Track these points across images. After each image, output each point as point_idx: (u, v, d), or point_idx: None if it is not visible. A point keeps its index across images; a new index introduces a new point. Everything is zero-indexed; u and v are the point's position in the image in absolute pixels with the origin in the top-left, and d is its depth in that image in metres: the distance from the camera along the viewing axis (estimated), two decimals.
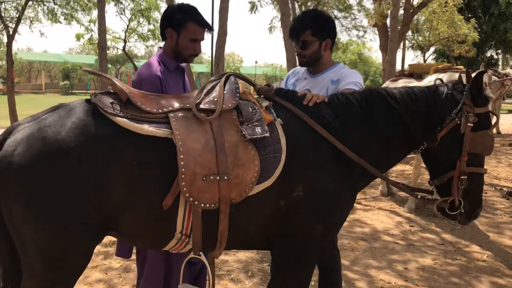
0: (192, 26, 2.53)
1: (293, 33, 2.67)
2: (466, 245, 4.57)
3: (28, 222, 1.76)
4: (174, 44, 2.57)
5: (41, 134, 1.76)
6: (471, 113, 2.11)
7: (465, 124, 2.10)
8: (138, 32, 19.22)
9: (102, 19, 8.22)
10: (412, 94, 2.17)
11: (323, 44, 2.63)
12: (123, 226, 1.89)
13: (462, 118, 2.10)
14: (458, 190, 2.15)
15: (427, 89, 2.21)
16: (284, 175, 1.94)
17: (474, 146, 2.13)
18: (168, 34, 2.57)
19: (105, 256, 4.12)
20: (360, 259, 4.17)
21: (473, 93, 2.16)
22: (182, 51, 2.58)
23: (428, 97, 2.16)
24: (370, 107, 2.14)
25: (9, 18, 12.91)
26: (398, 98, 2.14)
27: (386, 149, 2.17)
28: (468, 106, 2.12)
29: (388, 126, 2.13)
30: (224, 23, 8.26)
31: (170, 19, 2.56)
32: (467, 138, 2.11)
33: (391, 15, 8.70)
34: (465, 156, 2.13)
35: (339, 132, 2.06)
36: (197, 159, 1.83)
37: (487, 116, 2.19)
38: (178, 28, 2.53)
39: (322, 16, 2.69)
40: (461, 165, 2.13)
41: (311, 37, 2.59)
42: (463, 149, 2.12)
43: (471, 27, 18.13)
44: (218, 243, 1.96)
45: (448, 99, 2.15)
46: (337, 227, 2.25)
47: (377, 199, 6.38)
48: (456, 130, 2.12)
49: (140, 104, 1.89)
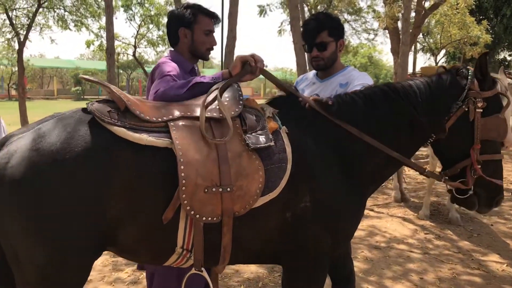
0: (203, 18, 2.49)
1: (308, 35, 2.57)
2: (484, 254, 4.40)
3: (23, 237, 1.67)
4: (190, 42, 2.50)
5: (35, 145, 1.68)
6: (479, 98, 1.99)
7: (474, 111, 1.99)
8: (148, 38, 19.26)
9: (110, 25, 8.17)
10: (415, 86, 2.05)
11: (338, 45, 2.56)
12: (122, 241, 1.80)
13: (469, 105, 1.99)
14: (473, 179, 2.02)
15: (430, 79, 2.09)
16: (290, 186, 1.83)
17: (487, 132, 2.01)
18: (182, 34, 2.50)
19: (113, 266, 4.03)
20: (374, 268, 4.03)
21: (479, 76, 2.04)
22: (199, 47, 2.51)
23: (431, 87, 2.05)
24: (373, 104, 2.03)
25: (20, 25, 12.98)
26: (400, 92, 2.03)
27: (396, 145, 2.04)
28: (474, 91, 2.01)
29: (394, 121, 2.03)
30: (233, 27, 8.18)
31: (180, 18, 2.49)
32: (478, 125, 2.00)
33: (403, 18, 8.54)
34: (478, 144, 2.00)
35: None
36: (198, 170, 1.73)
37: (496, 99, 2.06)
38: (190, 25, 2.48)
39: (333, 17, 2.65)
40: (475, 153, 2.00)
41: (328, 38, 2.51)
42: (475, 137, 2.00)
43: (483, 29, 17.88)
44: (221, 258, 1.86)
45: (452, 86, 2.04)
46: (347, 237, 2.14)
47: (390, 206, 6.22)
48: (465, 117, 2.01)
49: (138, 113, 1.80)
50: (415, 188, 7.32)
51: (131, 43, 19.50)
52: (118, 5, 17.53)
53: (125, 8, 17.69)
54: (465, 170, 2.05)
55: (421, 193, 6.90)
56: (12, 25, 12.65)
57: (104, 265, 4.04)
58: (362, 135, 1.97)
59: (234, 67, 2.05)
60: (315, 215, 1.89)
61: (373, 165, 2.06)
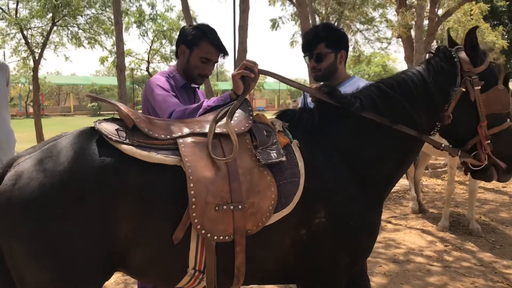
0: (206, 45, 2.43)
1: (306, 47, 2.59)
2: (507, 266, 4.25)
3: (29, 260, 1.63)
4: (185, 61, 2.48)
5: (42, 166, 1.65)
6: (474, 75, 1.94)
7: (473, 89, 1.93)
8: (161, 53, 19.52)
9: (120, 41, 8.28)
10: (409, 80, 1.98)
11: (338, 56, 2.54)
12: (131, 262, 1.75)
13: (467, 85, 1.94)
14: (485, 154, 1.98)
15: (421, 68, 2.02)
16: (304, 201, 1.78)
17: (490, 106, 1.96)
18: (181, 51, 2.48)
19: (125, 285, 3.98)
20: (392, 283, 3.91)
21: (470, 53, 1.98)
22: (191, 69, 2.47)
23: (424, 77, 1.97)
24: (374, 103, 1.97)
25: (35, 43, 13.22)
26: (396, 88, 1.97)
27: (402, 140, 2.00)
28: (468, 70, 1.95)
29: (396, 117, 1.96)
30: (243, 40, 8.25)
31: (184, 35, 2.48)
32: (479, 102, 1.94)
33: (416, 25, 8.49)
34: (484, 121, 1.95)
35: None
36: (208, 187, 1.69)
37: (491, 71, 2.01)
38: (191, 45, 2.45)
39: (334, 28, 2.65)
40: (482, 130, 1.95)
41: (325, 49, 2.51)
42: (480, 114, 1.95)
43: (498, 34, 17.67)
44: (236, 279, 1.80)
45: (444, 71, 1.97)
46: (366, 252, 2.06)
47: (408, 218, 6.09)
48: (466, 98, 1.95)
49: (147, 130, 1.77)
50: (433, 199, 7.16)
51: (144, 58, 19.79)
52: (131, 21, 17.82)
53: (138, 24, 17.98)
54: (475, 146, 2.00)
55: (439, 203, 6.75)
56: (27, 44, 12.88)
57: (116, 283, 3.99)
58: (384, 120, 1.93)
59: (237, 87, 2.02)
60: (332, 231, 1.82)
61: (387, 168, 2.02)
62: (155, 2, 17.89)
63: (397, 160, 2.03)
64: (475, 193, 5.40)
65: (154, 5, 17.94)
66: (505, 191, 7.52)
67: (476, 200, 5.59)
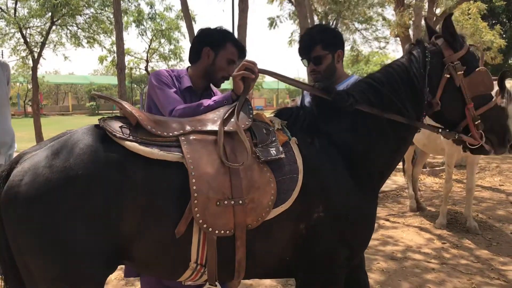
0: (231, 47, 2.44)
1: (303, 51, 2.61)
2: (504, 263, 4.30)
3: (37, 255, 1.68)
4: (210, 63, 2.44)
5: (48, 162, 1.69)
6: (456, 60, 2.03)
7: (456, 75, 2.02)
8: (160, 52, 19.52)
9: (120, 40, 8.30)
10: (395, 74, 2.06)
11: (336, 56, 2.57)
12: (135, 255, 1.79)
13: (450, 71, 2.03)
14: (479, 133, 2.09)
15: (405, 60, 2.10)
16: (302, 196, 1.82)
17: (475, 89, 2.06)
18: (205, 53, 2.43)
19: (126, 281, 4.02)
20: (390, 280, 3.96)
21: (449, 39, 2.07)
22: (217, 72, 2.44)
23: (408, 70, 2.05)
24: (366, 97, 2.04)
25: (34, 43, 13.22)
26: (384, 82, 2.04)
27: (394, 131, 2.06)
28: (449, 56, 2.04)
29: (387, 108, 2.03)
30: (243, 39, 8.27)
31: (209, 38, 2.45)
32: (464, 86, 2.03)
33: (414, 25, 8.54)
34: (471, 103, 2.04)
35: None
36: (210, 183, 1.73)
37: (471, 55, 2.10)
38: (217, 47, 2.42)
39: (328, 29, 2.68)
40: (470, 112, 2.05)
41: (322, 51, 2.53)
42: (466, 97, 2.04)
43: (496, 34, 17.73)
44: (236, 272, 1.85)
45: (425, 60, 2.04)
46: (363, 246, 2.12)
47: (406, 216, 6.14)
48: (451, 83, 2.04)
49: (150, 128, 1.81)
50: (430, 197, 7.21)
51: (143, 57, 19.77)
52: (130, 20, 17.82)
53: (136, 23, 17.98)
54: (468, 128, 2.10)
55: (437, 201, 6.80)
56: (26, 43, 12.89)
57: (118, 280, 4.03)
58: (381, 113, 2.00)
59: (238, 87, 2.05)
60: (330, 225, 1.87)
61: (381, 160, 2.08)
62: (153, 1, 17.90)
63: (391, 151, 2.10)
64: (472, 191, 5.45)
65: (153, 4, 17.95)
66: (502, 189, 7.58)
67: (473, 198, 5.64)
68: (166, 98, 2.27)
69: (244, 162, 1.78)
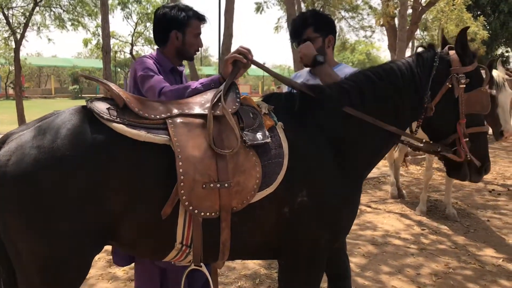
0: (195, 21, 2.51)
1: (294, 33, 2.63)
2: (480, 249, 4.44)
3: (24, 234, 1.69)
4: (179, 44, 2.50)
5: (36, 142, 1.70)
6: (461, 73, 2.04)
7: (458, 87, 2.03)
8: (145, 36, 19.31)
9: (106, 23, 8.21)
10: (397, 69, 2.09)
11: (326, 41, 2.59)
12: (122, 235, 1.83)
13: (453, 81, 2.04)
14: (465, 151, 2.08)
15: (411, 59, 2.13)
16: (287, 181, 1.86)
17: (471, 106, 2.07)
18: (173, 36, 2.49)
19: (110, 264, 4.05)
20: (370, 264, 4.06)
21: (459, 53, 2.08)
22: (188, 49, 2.53)
23: (412, 68, 2.08)
24: (360, 90, 2.07)
25: (16, 23, 12.97)
26: (384, 77, 2.07)
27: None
28: (457, 67, 2.06)
29: (380, 105, 2.07)
30: (229, 25, 8.23)
31: (174, 21, 2.48)
32: (462, 100, 2.05)
33: (400, 14, 8.59)
34: (464, 119, 2.06)
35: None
36: (196, 166, 1.76)
37: (477, 73, 2.12)
38: (183, 27, 2.48)
39: (321, 14, 2.69)
40: (461, 128, 2.06)
41: (313, 34, 2.55)
42: (460, 112, 2.05)
43: (479, 25, 17.91)
44: (221, 253, 1.89)
45: (433, 66, 2.07)
46: (345, 230, 2.17)
47: (387, 202, 6.26)
48: (450, 94, 2.06)
49: (137, 110, 1.83)
50: (412, 184, 7.36)
51: (128, 41, 19.53)
52: (115, 3, 17.56)
53: (122, 6, 17.74)
54: (454, 143, 2.10)
55: (417, 189, 6.94)
56: (9, 24, 12.64)
57: (101, 262, 4.06)
58: (363, 115, 2.01)
59: (226, 70, 2.09)
60: (313, 209, 1.91)
61: (368, 150, 2.11)
62: None
63: (379, 140, 2.11)
64: (452, 179, 5.57)
65: None
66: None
67: (452, 186, 5.77)
68: (153, 80, 2.26)
69: (234, 149, 1.80)
